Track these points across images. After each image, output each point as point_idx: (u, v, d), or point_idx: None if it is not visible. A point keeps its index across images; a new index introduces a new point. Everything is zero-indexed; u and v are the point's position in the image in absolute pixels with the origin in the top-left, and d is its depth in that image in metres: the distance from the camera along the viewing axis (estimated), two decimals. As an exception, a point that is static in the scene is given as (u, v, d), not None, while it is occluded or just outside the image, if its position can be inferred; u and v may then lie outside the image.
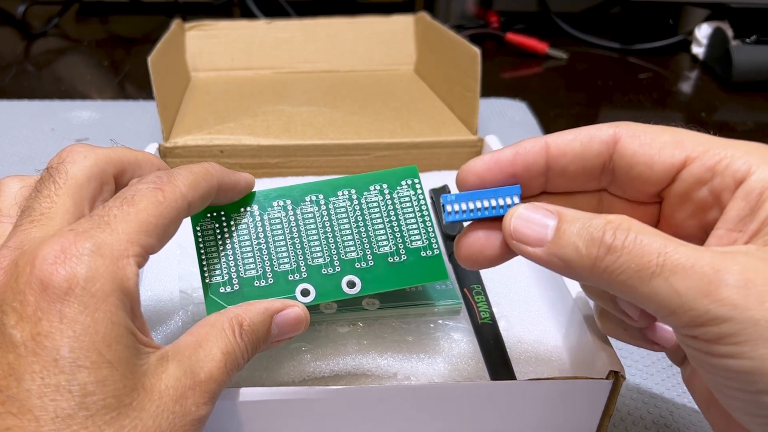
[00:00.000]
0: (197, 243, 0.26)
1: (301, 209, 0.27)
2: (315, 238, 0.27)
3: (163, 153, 0.44)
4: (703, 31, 0.76)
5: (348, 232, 0.27)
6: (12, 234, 0.20)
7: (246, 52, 0.59)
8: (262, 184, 0.27)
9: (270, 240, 0.26)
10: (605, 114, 0.65)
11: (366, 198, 0.28)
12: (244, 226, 0.27)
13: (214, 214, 0.26)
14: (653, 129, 0.22)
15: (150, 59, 0.43)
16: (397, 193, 0.28)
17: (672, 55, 0.80)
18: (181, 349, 0.21)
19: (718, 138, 0.21)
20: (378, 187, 0.28)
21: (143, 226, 0.20)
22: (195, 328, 0.22)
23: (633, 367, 0.33)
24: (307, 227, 0.27)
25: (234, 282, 0.26)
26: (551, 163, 0.23)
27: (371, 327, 0.30)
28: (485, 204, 0.22)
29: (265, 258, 0.26)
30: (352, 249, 0.27)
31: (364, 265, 0.27)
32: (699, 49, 0.77)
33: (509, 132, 0.57)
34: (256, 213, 0.27)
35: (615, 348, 0.26)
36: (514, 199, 0.22)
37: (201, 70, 0.58)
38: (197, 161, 0.25)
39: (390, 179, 0.28)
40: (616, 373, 0.24)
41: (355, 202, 0.27)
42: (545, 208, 0.21)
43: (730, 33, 0.71)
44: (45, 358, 0.17)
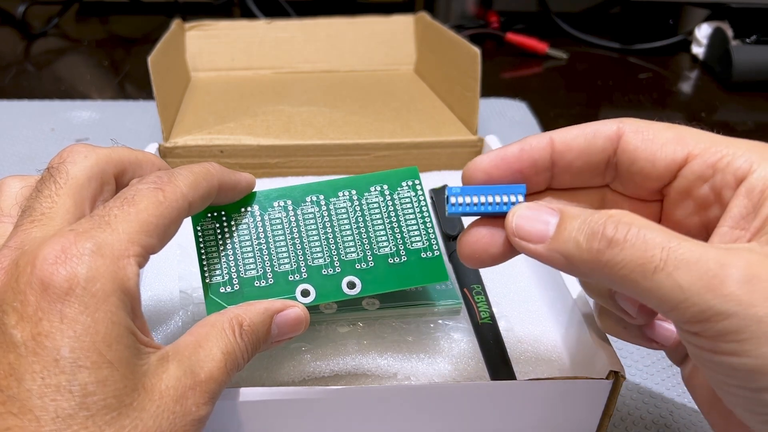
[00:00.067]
0: (198, 243, 0.26)
1: (301, 210, 0.27)
2: (315, 238, 0.27)
3: (163, 153, 0.44)
4: (703, 31, 0.76)
5: (348, 232, 0.27)
6: (13, 234, 0.20)
7: (246, 52, 0.59)
8: (262, 184, 0.27)
9: (270, 240, 0.26)
10: (605, 114, 0.65)
11: (366, 199, 0.28)
12: (244, 226, 0.27)
13: (215, 214, 0.26)
14: (657, 125, 0.22)
15: (150, 59, 0.43)
16: (398, 194, 0.28)
17: (672, 55, 0.80)
18: (181, 349, 0.21)
19: (720, 136, 0.21)
20: (379, 188, 0.28)
21: (144, 226, 0.20)
22: (195, 328, 0.22)
23: (633, 367, 0.33)
24: (308, 228, 0.27)
25: (234, 282, 0.26)
26: (556, 158, 0.23)
27: (371, 327, 0.30)
28: (489, 200, 0.22)
29: (266, 258, 0.26)
30: (353, 250, 0.27)
31: (364, 266, 0.27)
32: (699, 49, 0.77)
33: (509, 132, 0.57)
34: (257, 213, 0.27)
35: (615, 348, 0.26)
36: (518, 197, 0.22)
37: (201, 70, 0.58)
38: (197, 161, 0.25)
39: (391, 180, 0.28)
40: (616, 373, 0.24)
41: (356, 203, 0.27)
42: (547, 206, 0.21)
43: (730, 33, 0.71)
44: (45, 358, 0.17)
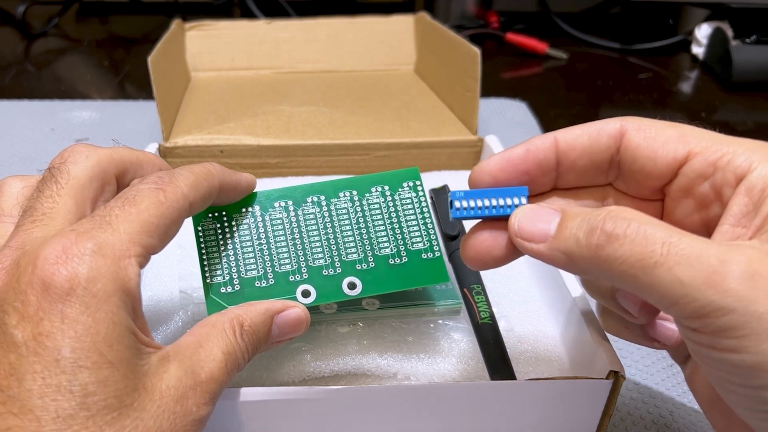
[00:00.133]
0: (198, 243, 0.26)
1: (302, 210, 0.27)
2: (316, 239, 0.27)
3: (163, 153, 0.44)
4: (703, 31, 0.76)
5: (349, 233, 0.27)
6: (14, 234, 0.20)
7: (246, 52, 0.59)
8: (263, 184, 0.27)
9: (271, 241, 0.26)
10: (605, 114, 0.65)
11: (367, 199, 0.28)
12: (245, 227, 0.27)
13: (216, 215, 0.26)
14: (659, 124, 0.22)
15: (150, 59, 0.43)
16: (399, 194, 0.28)
17: (672, 55, 0.80)
18: (181, 349, 0.21)
19: (721, 135, 0.21)
20: (380, 189, 0.28)
21: (145, 226, 0.20)
22: (196, 328, 0.22)
23: (633, 367, 0.33)
24: (309, 228, 0.27)
25: (235, 282, 0.26)
26: (561, 158, 0.23)
27: (371, 327, 0.30)
28: (493, 203, 0.23)
29: (266, 259, 0.26)
30: (353, 250, 0.27)
31: (365, 266, 0.27)
32: (699, 49, 0.77)
33: (509, 132, 0.57)
34: (258, 213, 0.27)
35: (615, 348, 0.26)
36: (521, 200, 0.23)
37: (201, 70, 0.58)
38: (197, 161, 0.25)
39: (392, 181, 0.28)
40: (616, 373, 0.24)
41: (357, 204, 0.27)
42: (549, 207, 0.22)
43: (730, 33, 0.71)
44: (46, 359, 0.17)
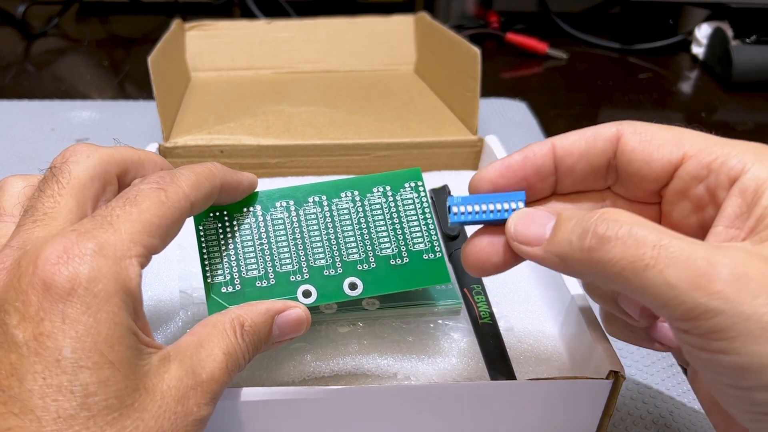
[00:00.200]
0: (200, 242, 0.26)
1: (303, 210, 0.27)
2: (317, 239, 0.27)
3: (163, 153, 0.44)
4: (703, 31, 0.76)
5: (350, 233, 0.27)
6: (15, 233, 0.20)
7: (246, 52, 0.59)
8: (263, 184, 0.27)
9: (272, 240, 0.26)
10: (605, 114, 0.65)
11: (369, 200, 0.28)
12: (246, 227, 0.27)
13: (217, 214, 0.26)
14: (654, 127, 0.22)
15: (150, 59, 0.43)
16: (400, 195, 0.28)
17: (672, 55, 0.80)
18: (182, 349, 0.21)
19: (716, 137, 0.22)
20: (381, 189, 0.28)
21: (146, 226, 0.20)
22: (196, 328, 0.22)
23: (633, 367, 0.33)
24: (310, 228, 0.27)
25: (236, 282, 0.26)
26: (559, 163, 0.23)
27: (371, 327, 0.30)
28: (490, 208, 0.23)
29: (267, 258, 0.26)
30: (354, 251, 0.27)
31: (366, 267, 0.27)
32: (699, 49, 0.77)
33: (509, 132, 0.57)
34: (259, 213, 0.27)
35: (615, 348, 0.26)
36: (518, 204, 0.23)
37: (201, 70, 0.58)
38: (197, 161, 0.25)
39: (393, 181, 0.28)
40: (616, 373, 0.24)
41: (358, 204, 0.27)
42: (545, 211, 0.22)
43: (730, 33, 0.71)
44: (47, 359, 0.17)
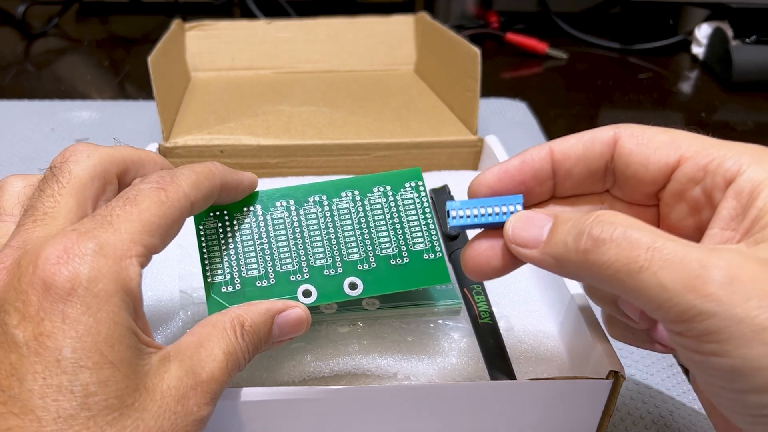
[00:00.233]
0: (200, 242, 0.26)
1: (304, 210, 0.27)
2: (318, 239, 0.27)
3: (163, 153, 0.44)
4: (703, 31, 0.76)
5: (351, 233, 0.27)
6: (15, 233, 0.20)
7: (246, 52, 0.59)
8: (263, 184, 0.27)
9: (273, 240, 0.26)
10: (605, 114, 0.65)
11: (369, 199, 0.28)
12: (246, 226, 0.27)
13: (218, 213, 0.26)
14: (651, 130, 0.22)
15: (150, 59, 0.43)
16: (401, 195, 0.28)
17: (672, 55, 0.80)
18: (182, 349, 0.21)
19: (713, 139, 0.22)
20: (381, 189, 0.28)
21: (146, 226, 0.20)
22: (196, 328, 0.22)
23: (633, 367, 0.33)
24: (310, 228, 0.27)
25: (236, 282, 0.26)
26: (557, 167, 0.23)
27: (371, 327, 0.30)
28: (489, 211, 0.23)
29: (268, 258, 0.26)
30: (355, 250, 0.27)
31: (366, 267, 0.27)
32: (699, 49, 0.77)
33: (509, 132, 0.57)
34: (259, 213, 0.27)
35: (615, 348, 0.26)
36: (516, 207, 0.23)
37: (201, 70, 0.58)
38: (197, 161, 0.25)
39: (394, 181, 0.28)
40: (616, 373, 0.24)
41: (359, 204, 0.27)
42: (542, 213, 0.22)
43: (730, 33, 0.71)
44: (47, 359, 0.17)
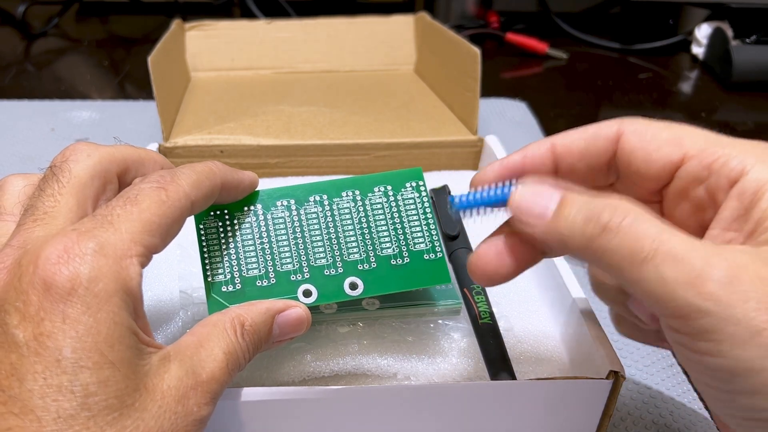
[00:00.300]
0: (200, 241, 0.26)
1: (304, 209, 0.27)
2: (318, 238, 0.27)
3: (163, 153, 0.44)
4: (703, 31, 0.76)
5: (351, 233, 0.27)
6: (15, 233, 0.20)
7: (246, 52, 0.59)
8: (263, 184, 0.27)
9: (273, 240, 0.26)
10: (605, 114, 0.65)
11: (370, 199, 0.28)
12: (247, 225, 0.27)
13: (218, 213, 0.26)
14: (655, 126, 0.22)
15: (150, 59, 0.43)
16: (402, 195, 0.28)
17: (672, 55, 0.80)
18: (182, 349, 0.21)
19: (718, 136, 0.21)
20: (382, 189, 0.28)
21: (146, 225, 0.20)
22: (196, 328, 0.22)
23: (633, 367, 0.33)
24: (311, 228, 0.27)
25: (236, 281, 0.26)
26: (559, 162, 0.23)
27: (371, 327, 0.30)
28: (491, 193, 0.23)
29: (268, 258, 0.26)
30: (355, 250, 0.27)
31: (366, 266, 0.27)
32: (699, 49, 0.77)
33: (509, 132, 0.57)
34: (260, 212, 0.27)
35: (615, 348, 0.26)
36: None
37: (201, 70, 0.58)
38: (197, 161, 0.25)
39: (394, 181, 0.28)
40: (616, 373, 0.24)
41: (359, 203, 0.27)
42: (552, 185, 0.21)
43: (730, 33, 0.71)
44: (47, 359, 0.17)
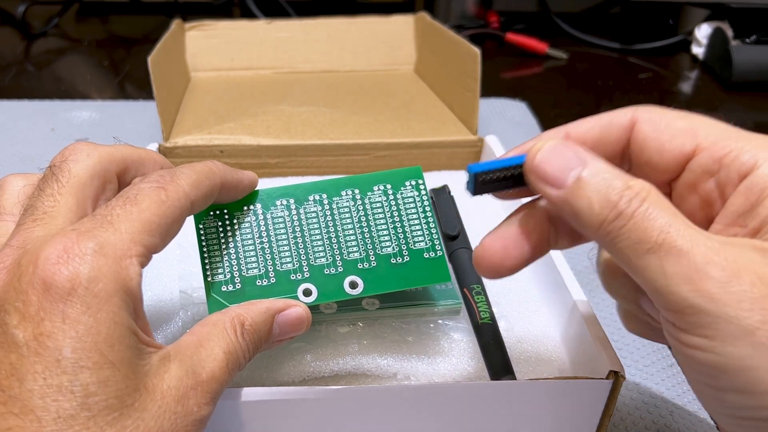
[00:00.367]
0: (200, 241, 0.26)
1: (304, 208, 0.27)
2: (318, 237, 0.27)
3: (163, 153, 0.44)
4: (703, 31, 0.76)
5: (351, 232, 0.27)
6: (15, 233, 0.20)
7: (246, 52, 0.59)
8: (262, 184, 0.27)
9: (273, 239, 0.26)
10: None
11: (370, 198, 0.28)
12: (247, 225, 0.27)
13: (217, 212, 0.26)
14: (670, 115, 0.22)
15: (150, 59, 0.43)
16: (401, 193, 0.28)
17: (672, 55, 0.80)
18: (182, 348, 0.21)
19: (733, 129, 0.21)
20: (382, 188, 0.28)
21: (146, 225, 0.20)
22: (196, 328, 0.22)
23: (633, 367, 0.33)
24: (310, 227, 0.27)
25: (236, 281, 0.26)
26: None
27: (371, 327, 0.30)
28: (508, 160, 0.21)
29: (268, 257, 0.26)
30: (355, 249, 0.27)
31: (366, 265, 0.27)
32: (699, 49, 0.77)
33: (509, 132, 0.57)
34: (260, 212, 0.27)
35: (615, 348, 0.26)
36: None
37: (201, 70, 0.58)
38: (197, 161, 0.25)
39: (394, 179, 0.28)
40: (616, 373, 0.24)
41: (359, 202, 0.27)
42: (574, 151, 0.20)
43: (730, 33, 0.71)
44: (47, 359, 0.17)
